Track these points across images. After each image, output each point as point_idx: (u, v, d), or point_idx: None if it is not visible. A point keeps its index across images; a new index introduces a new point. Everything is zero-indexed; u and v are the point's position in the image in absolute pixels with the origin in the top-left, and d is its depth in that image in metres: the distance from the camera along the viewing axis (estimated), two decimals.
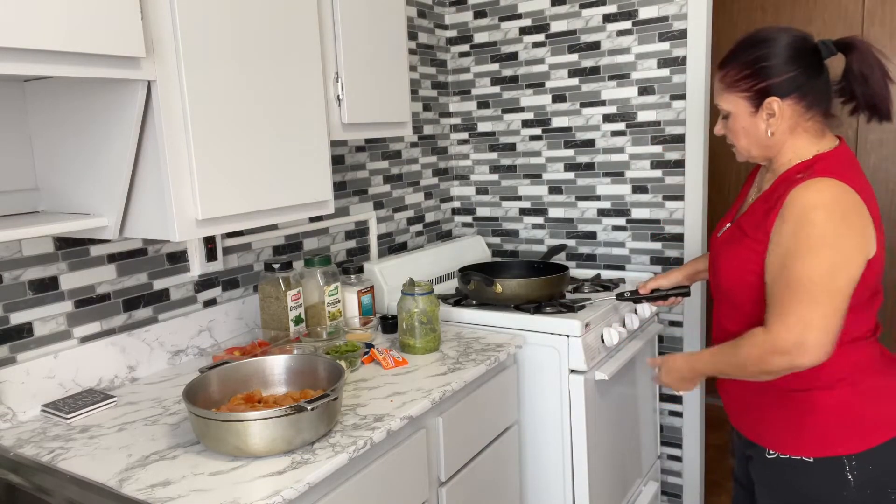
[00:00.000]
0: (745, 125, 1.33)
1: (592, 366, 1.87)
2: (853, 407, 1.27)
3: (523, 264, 2.29)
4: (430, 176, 2.66)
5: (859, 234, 1.20)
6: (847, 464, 1.27)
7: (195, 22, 1.27)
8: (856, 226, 1.20)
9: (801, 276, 1.18)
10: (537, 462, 1.94)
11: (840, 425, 1.28)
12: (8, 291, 1.41)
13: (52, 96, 1.37)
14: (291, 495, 1.10)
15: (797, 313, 1.18)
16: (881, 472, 1.27)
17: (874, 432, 1.27)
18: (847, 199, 1.20)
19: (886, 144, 3.16)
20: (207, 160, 1.31)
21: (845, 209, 1.19)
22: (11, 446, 1.30)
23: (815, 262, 1.17)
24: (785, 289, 1.20)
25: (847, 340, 1.27)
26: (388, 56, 1.86)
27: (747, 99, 1.31)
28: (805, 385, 1.30)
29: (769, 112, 1.30)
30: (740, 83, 1.31)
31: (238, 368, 1.40)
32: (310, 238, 2.12)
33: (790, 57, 1.28)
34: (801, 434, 1.30)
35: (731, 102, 1.34)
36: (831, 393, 1.28)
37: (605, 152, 2.45)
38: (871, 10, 3.11)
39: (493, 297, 1.99)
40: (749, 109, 1.32)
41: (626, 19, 2.32)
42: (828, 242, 1.17)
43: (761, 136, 1.32)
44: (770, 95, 1.29)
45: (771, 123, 1.30)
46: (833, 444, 1.27)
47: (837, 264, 1.17)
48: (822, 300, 1.17)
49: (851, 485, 1.27)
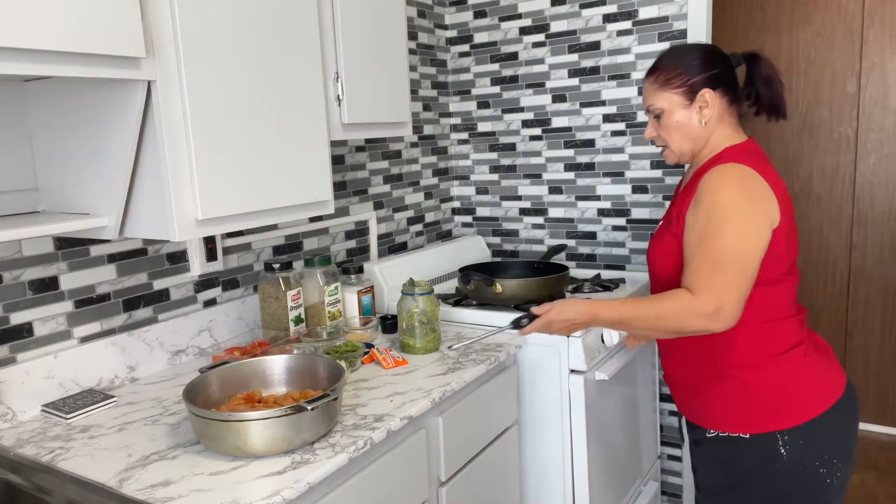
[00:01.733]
0: (679, 119, 1.46)
1: (592, 366, 1.87)
2: (784, 386, 1.38)
3: (523, 264, 2.29)
4: (430, 176, 2.66)
5: (763, 206, 1.33)
6: (780, 439, 1.37)
7: (195, 22, 1.27)
8: (758, 198, 1.33)
9: (715, 247, 1.31)
10: (537, 462, 1.94)
11: (772, 403, 1.38)
12: (8, 291, 1.41)
13: (52, 96, 1.37)
14: (291, 495, 1.10)
15: (717, 281, 1.29)
16: (810, 446, 1.37)
17: (804, 409, 1.37)
18: (747, 176, 1.35)
19: (886, 144, 3.16)
20: (207, 160, 1.31)
21: (746, 185, 1.34)
22: (11, 446, 1.30)
23: (726, 234, 1.30)
24: (703, 259, 1.32)
25: (771, 319, 1.40)
26: (388, 56, 1.86)
27: (681, 94, 1.45)
28: (738, 365, 1.41)
29: (702, 103, 1.44)
30: (673, 81, 1.45)
31: (238, 368, 1.40)
32: (310, 238, 2.12)
33: (711, 59, 1.46)
34: (737, 412, 1.41)
35: (664, 100, 1.47)
36: (763, 373, 1.39)
37: (605, 152, 2.45)
38: (870, 10, 3.11)
39: (492, 297, 1.99)
40: (683, 103, 1.46)
41: (626, 19, 2.32)
42: (735, 215, 1.31)
43: (695, 127, 1.46)
44: (703, 88, 1.44)
45: (704, 114, 1.45)
46: (766, 420, 1.38)
47: (746, 233, 1.31)
48: (735, 268, 1.30)
49: (784, 458, 1.37)
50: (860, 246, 3.28)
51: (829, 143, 3.29)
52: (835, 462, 1.38)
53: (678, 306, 1.32)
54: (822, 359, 1.44)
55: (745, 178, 1.34)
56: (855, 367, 3.35)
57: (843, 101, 3.23)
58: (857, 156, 3.23)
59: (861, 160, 3.23)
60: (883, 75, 3.13)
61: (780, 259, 1.37)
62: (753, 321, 1.39)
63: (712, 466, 1.49)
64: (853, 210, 3.27)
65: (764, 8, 3.33)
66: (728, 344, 1.41)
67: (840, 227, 3.31)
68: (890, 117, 3.14)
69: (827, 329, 3.39)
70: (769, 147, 3.40)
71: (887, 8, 3.07)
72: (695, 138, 1.47)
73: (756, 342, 1.39)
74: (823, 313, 3.40)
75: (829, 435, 1.38)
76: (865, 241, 3.26)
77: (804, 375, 1.40)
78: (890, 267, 3.22)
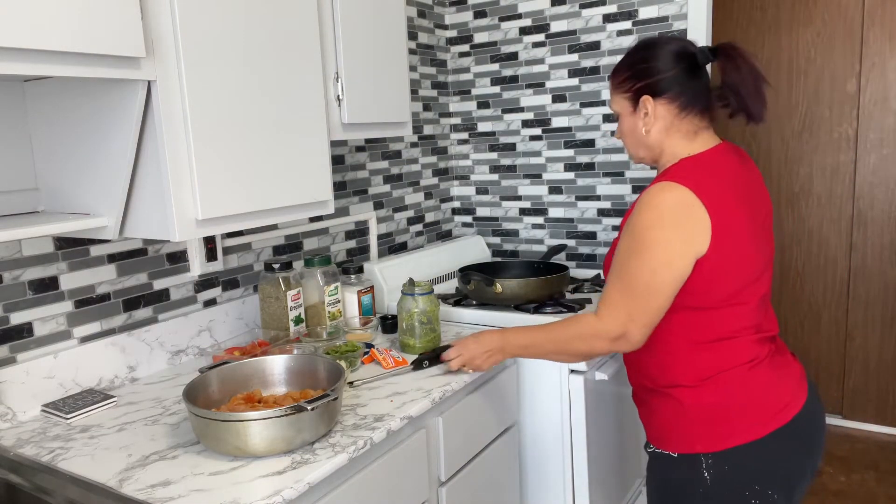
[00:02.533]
0: (629, 125, 1.40)
1: (592, 366, 1.87)
2: (715, 406, 1.30)
3: (523, 264, 2.29)
4: (430, 176, 2.66)
5: (684, 235, 1.24)
6: (704, 461, 1.30)
7: (195, 22, 1.27)
8: (684, 226, 1.24)
9: (629, 272, 1.28)
10: (537, 462, 1.94)
11: (701, 424, 1.31)
12: (8, 291, 1.41)
13: (51, 96, 1.37)
14: (291, 495, 1.10)
15: (624, 307, 1.29)
16: (736, 472, 1.29)
17: (733, 434, 1.29)
18: (677, 201, 1.25)
19: (886, 144, 3.16)
20: (207, 160, 1.31)
21: (674, 211, 1.25)
22: (11, 446, 1.30)
23: (641, 260, 1.26)
24: (617, 282, 1.30)
25: (711, 340, 1.31)
26: (388, 56, 1.86)
27: (628, 99, 1.38)
28: (673, 382, 1.35)
29: (644, 111, 1.36)
30: (624, 84, 1.38)
31: (238, 368, 1.40)
32: (310, 238, 2.12)
33: (668, 60, 1.34)
34: (669, 430, 1.36)
35: (617, 103, 1.41)
36: (695, 391, 1.32)
37: (605, 152, 2.45)
38: (870, 11, 3.11)
39: (493, 297, 1.99)
40: (629, 109, 1.39)
41: (626, 19, 2.32)
42: (651, 243, 1.25)
43: (640, 135, 1.39)
44: (643, 95, 1.35)
45: (646, 122, 1.36)
46: (692, 441, 1.32)
47: (662, 263, 1.25)
48: (644, 296, 1.27)
49: (708, 481, 1.30)
50: (860, 246, 3.28)
51: (829, 143, 3.29)
52: (769, 493, 1.28)
53: (584, 330, 1.34)
54: (774, 381, 1.32)
55: (674, 204, 1.24)
56: (855, 367, 3.35)
57: (843, 101, 3.23)
58: (857, 156, 3.23)
59: (861, 160, 3.22)
60: (883, 75, 3.12)
61: (714, 286, 1.27)
62: (688, 342, 1.32)
63: (649, 483, 1.45)
64: (853, 210, 3.27)
65: (764, 8, 3.33)
66: (664, 362, 1.35)
67: (840, 226, 3.31)
68: (890, 117, 3.14)
69: (827, 329, 3.40)
70: (768, 147, 3.40)
71: (887, 8, 3.07)
72: (647, 146, 1.39)
73: (693, 362, 1.32)
74: (823, 313, 3.40)
75: (763, 463, 1.29)
76: (865, 241, 3.26)
77: (743, 398, 1.30)
78: (890, 267, 3.22)
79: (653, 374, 1.38)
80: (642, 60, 1.35)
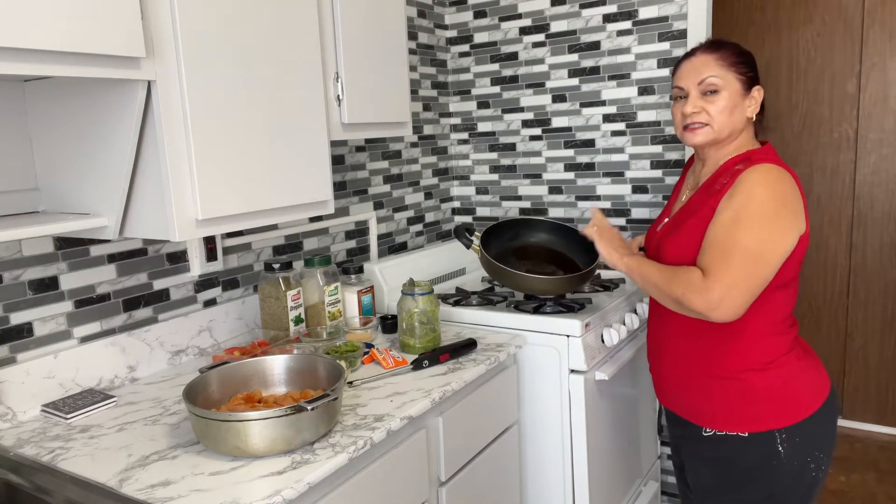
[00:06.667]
0: (732, 103, 1.47)
1: (592, 366, 1.87)
2: (782, 387, 1.44)
3: (552, 226, 2.09)
4: (430, 176, 2.66)
5: (794, 213, 1.37)
6: (778, 437, 1.43)
7: (195, 22, 1.27)
8: (791, 205, 1.37)
9: (737, 242, 1.34)
10: (537, 462, 1.94)
11: (771, 403, 1.44)
12: (8, 291, 1.41)
13: (52, 96, 1.37)
14: (291, 495, 1.10)
15: (730, 274, 1.33)
16: (805, 443, 1.44)
17: (799, 409, 1.44)
18: (786, 180, 1.38)
19: (886, 144, 3.16)
20: (207, 160, 1.31)
21: (784, 190, 1.37)
22: (11, 446, 1.30)
23: (752, 232, 1.34)
24: (723, 251, 1.35)
25: (776, 331, 1.45)
26: (388, 56, 1.85)
27: (742, 82, 1.47)
28: (741, 367, 1.45)
29: (754, 97, 1.49)
30: (739, 66, 1.47)
31: (238, 368, 1.40)
32: (310, 238, 2.12)
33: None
34: (738, 412, 1.46)
35: (727, 80, 1.46)
36: (764, 375, 1.44)
37: (605, 152, 2.45)
38: (870, 11, 3.11)
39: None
40: (741, 91, 1.47)
41: (626, 19, 2.32)
42: (766, 216, 1.34)
43: (737, 116, 1.48)
44: (757, 84, 1.50)
45: (750, 110, 1.49)
46: (765, 420, 1.44)
47: (771, 236, 1.34)
48: (750, 268, 1.33)
49: (782, 456, 1.43)
50: (860, 246, 3.28)
51: (829, 143, 3.29)
52: (822, 457, 1.46)
53: (691, 278, 1.37)
54: (811, 362, 1.51)
55: (784, 183, 1.37)
56: (855, 367, 3.35)
57: (843, 101, 3.23)
58: (857, 156, 3.23)
59: (861, 160, 3.22)
60: (883, 75, 3.12)
61: (795, 263, 1.42)
62: (762, 326, 1.44)
63: (708, 465, 1.52)
64: (853, 210, 3.27)
65: (764, 8, 3.33)
66: (736, 348, 1.46)
67: (840, 227, 3.31)
68: (890, 117, 3.14)
69: (827, 329, 3.39)
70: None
71: (887, 8, 3.07)
72: (732, 128, 1.48)
73: (762, 346, 1.45)
74: (823, 313, 3.40)
75: (819, 432, 1.46)
76: (865, 241, 3.26)
77: (799, 378, 1.46)
78: (890, 267, 3.22)
79: (720, 358, 1.47)
80: (751, 56, 1.50)
